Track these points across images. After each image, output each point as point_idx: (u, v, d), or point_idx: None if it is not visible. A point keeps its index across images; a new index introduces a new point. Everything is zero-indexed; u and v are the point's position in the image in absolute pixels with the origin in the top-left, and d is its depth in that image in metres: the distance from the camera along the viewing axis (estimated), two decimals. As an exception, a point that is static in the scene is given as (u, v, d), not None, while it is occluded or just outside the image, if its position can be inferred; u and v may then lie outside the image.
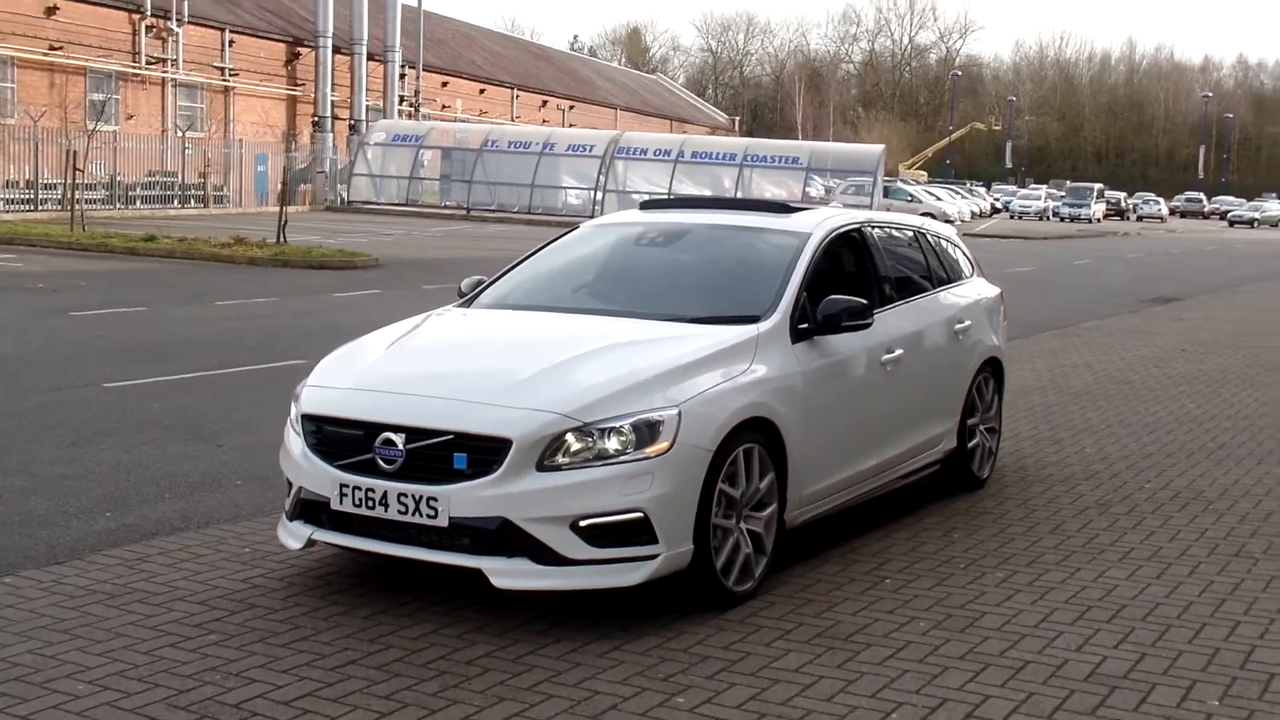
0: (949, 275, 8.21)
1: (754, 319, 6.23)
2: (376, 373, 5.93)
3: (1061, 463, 9.01)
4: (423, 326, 6.62)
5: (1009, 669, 5.09)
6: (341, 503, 5.51)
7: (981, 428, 8.19)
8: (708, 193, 43.32)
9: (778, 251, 6.76)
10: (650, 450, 5.32)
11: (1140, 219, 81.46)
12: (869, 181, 41.70)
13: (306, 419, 5.76)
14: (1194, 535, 7.17)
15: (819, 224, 7.03)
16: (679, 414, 5.43)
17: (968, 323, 8.01)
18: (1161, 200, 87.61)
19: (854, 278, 7.08)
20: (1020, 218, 72.96)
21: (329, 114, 48.55)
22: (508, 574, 5.28)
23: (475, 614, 5.51)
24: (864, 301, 6.50)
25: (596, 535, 5.27)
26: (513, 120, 67.12)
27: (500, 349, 6.24)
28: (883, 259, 7.36)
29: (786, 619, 5.61)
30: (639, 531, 5.31)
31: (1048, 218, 73.79)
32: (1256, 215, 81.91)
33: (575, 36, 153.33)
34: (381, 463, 5.42)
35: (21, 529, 6.73)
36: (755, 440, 5.79)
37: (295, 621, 5.42)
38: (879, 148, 43.55)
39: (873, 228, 7.50)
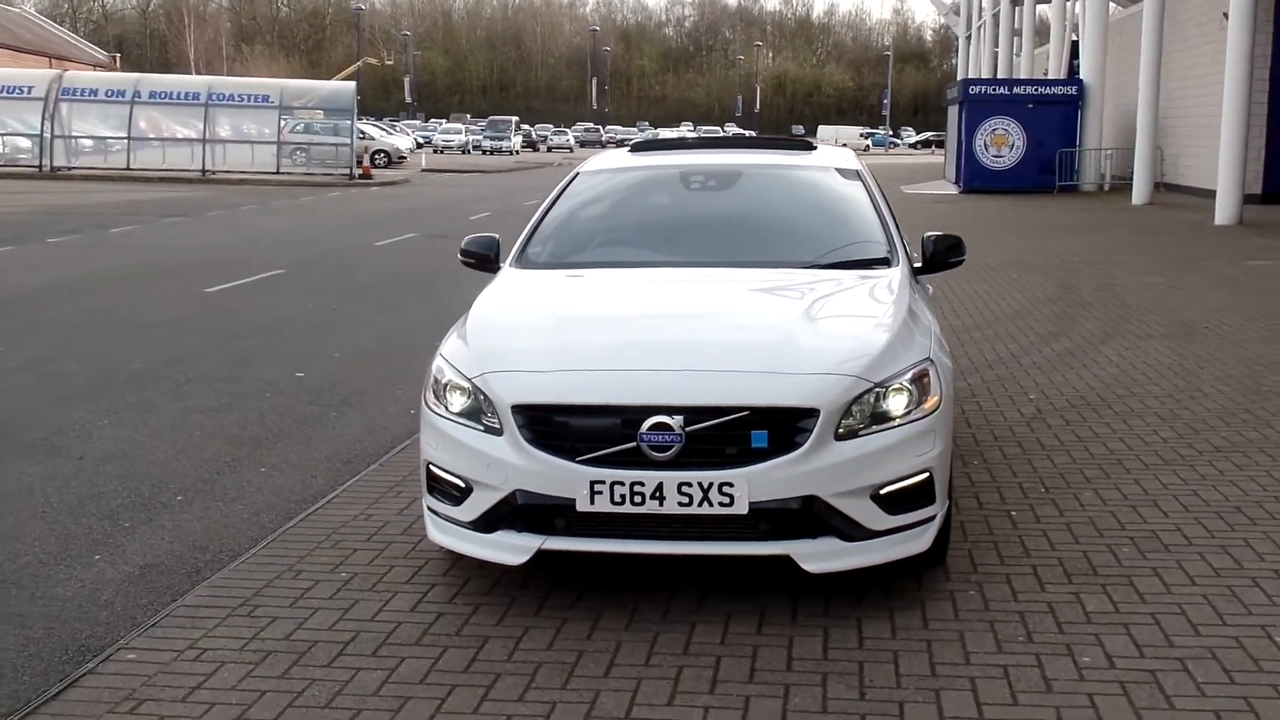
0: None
1: (885, 261, 5.99)
2: (588, 350, 5.10)
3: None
4: (549, 294, 5.75)
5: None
6: (594, 502, 4.72)
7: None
8: (184, 133, 40.68)
9: (846, 191, 6.54)
10: (928, 405, 4.99)
11: (551, 149, 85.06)
12: (345, 119, 40.52)
13: (519, 410, 4.85)
14: (1213, 480, 6.82)
15: (853, 159, 6.86)
16: (934, 364, 5.14)
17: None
18: (569, 131, 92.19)
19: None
20: (443, 151, 73.85)
21: None
22: (818, 556, 4.78)
23: (688, 605, 4.99)
24: (958, 236, 6.42)
25: (893, 502, 4.88)
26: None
27: (690, 312, 5.53)
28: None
29: (1011, 565, 5.47)
30: (922, 494, 4.98)
31: (469, 151, 75.22)
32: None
33: None
34: (650, 451, 4.69)
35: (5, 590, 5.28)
36: (943, 387, 5.59)
37: (562, 653, 4.59)
38: (351, 85, 42.33)
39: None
